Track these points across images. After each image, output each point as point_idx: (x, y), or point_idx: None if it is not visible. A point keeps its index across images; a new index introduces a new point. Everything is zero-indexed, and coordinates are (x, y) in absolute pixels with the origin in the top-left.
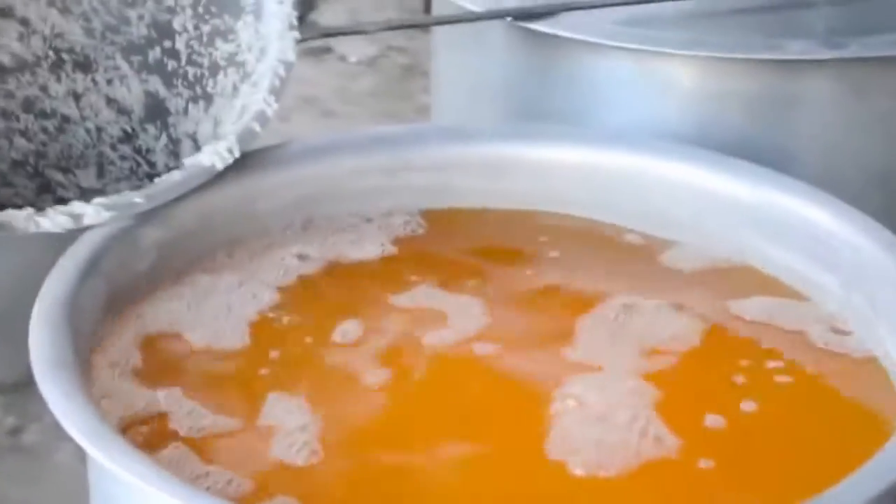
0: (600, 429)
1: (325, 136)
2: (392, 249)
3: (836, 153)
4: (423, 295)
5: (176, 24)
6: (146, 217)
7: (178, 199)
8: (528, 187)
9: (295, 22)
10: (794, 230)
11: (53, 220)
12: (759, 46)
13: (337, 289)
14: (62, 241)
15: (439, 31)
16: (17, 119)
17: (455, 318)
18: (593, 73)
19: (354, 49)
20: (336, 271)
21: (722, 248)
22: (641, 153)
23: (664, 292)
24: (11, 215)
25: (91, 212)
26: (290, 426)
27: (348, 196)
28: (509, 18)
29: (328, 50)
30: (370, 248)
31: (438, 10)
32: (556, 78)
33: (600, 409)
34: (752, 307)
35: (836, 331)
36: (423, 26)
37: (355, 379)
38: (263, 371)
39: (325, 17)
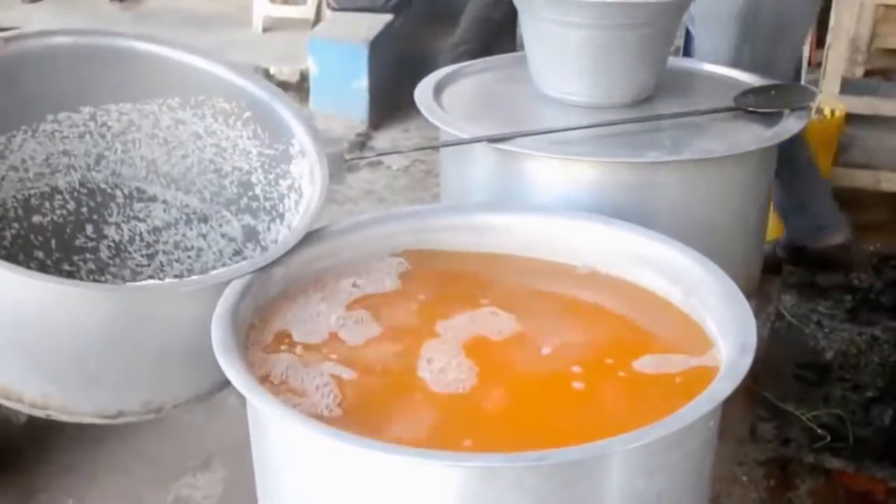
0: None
1: (376, 213)
2: (398, 282)
3: (677, 215)
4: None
5: (253, 179)
6: (270, 267)
7: (286, 256)
8: (496, 240)
9: (323, 152)
10: (654, 259)
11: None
12: (631, 154)
13: (374, 305)
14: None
15: (445, 150)
16: (173, 254)
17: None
18: (535, 172)
19: (395, 162)
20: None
21: (611, 271)
22: (564, 217)
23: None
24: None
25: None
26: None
27: (382, 250)
28: (486, 142)
29: (380, 163)
30: (388, 281)
31: (444, 137)
32: (513, 175)
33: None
34: (636, 304)
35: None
36: (435, 148)
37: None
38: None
39: (378, 143)
